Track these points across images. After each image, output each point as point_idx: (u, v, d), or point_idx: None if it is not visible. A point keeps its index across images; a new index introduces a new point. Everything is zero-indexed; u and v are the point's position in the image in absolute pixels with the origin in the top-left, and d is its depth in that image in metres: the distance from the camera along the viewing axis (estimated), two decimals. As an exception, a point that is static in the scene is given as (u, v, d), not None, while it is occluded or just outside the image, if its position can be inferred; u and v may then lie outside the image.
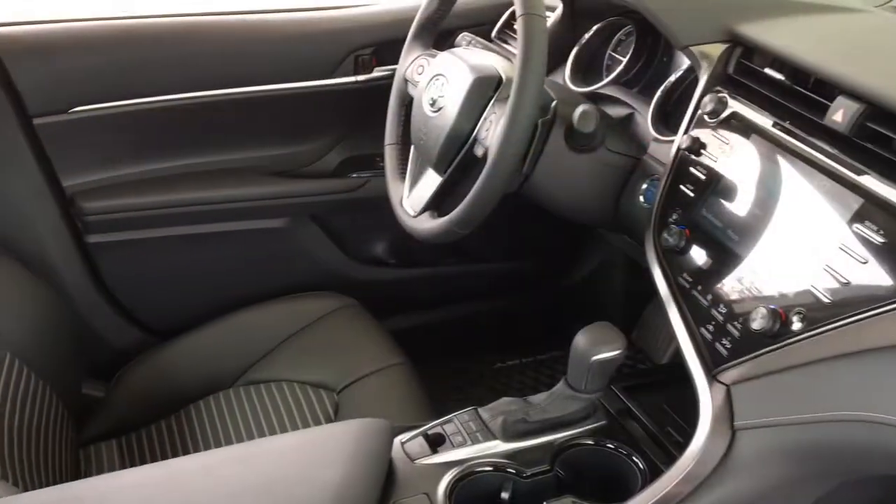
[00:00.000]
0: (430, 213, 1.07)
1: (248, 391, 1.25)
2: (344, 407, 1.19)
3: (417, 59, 1.15)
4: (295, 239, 1.46)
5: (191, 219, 1.37)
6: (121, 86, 1.28)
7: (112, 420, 1.27)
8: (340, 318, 1.35)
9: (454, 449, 0.87)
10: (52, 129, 1.25)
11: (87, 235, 1.34)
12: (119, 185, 1.34)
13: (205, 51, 1.31)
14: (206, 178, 1.38)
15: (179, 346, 1.34)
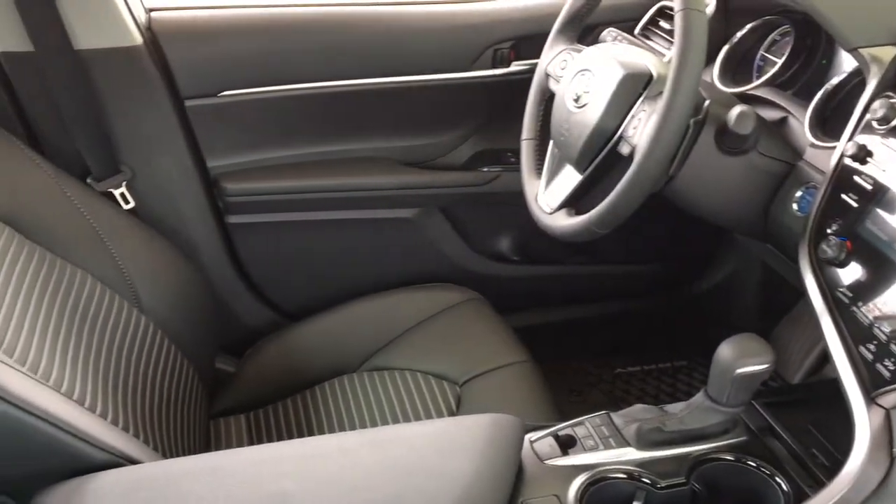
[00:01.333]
0: (566, 211, 1.05)
1: (372, 377, 1.27)
2: (466, 400, 1.18)
3: (561, 53, 1.14)
4: (422, 230, 1.47)
5: (324, 205, 1.40)
6: (266, 72, 1.32)
7: (241, 395, 1.31)
8: (464, 311, 1.35)
9: (585, 452, 0.85)
10: (200, 112, 1.31)
11: (228, 216, 1.39)
12: (259, 169, 1.38)
13: (348, 41, 1.33)
14: (342, 165, 1.41)
15: (307, 329, 1.37)
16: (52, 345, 0.95)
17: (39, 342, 0.93)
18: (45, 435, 0.78)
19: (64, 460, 0.79)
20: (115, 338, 1.07)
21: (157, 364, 1.13)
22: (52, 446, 0.78)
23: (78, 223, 1.13)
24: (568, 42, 1.15)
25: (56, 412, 0.79)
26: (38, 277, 1.02)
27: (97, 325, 1.05)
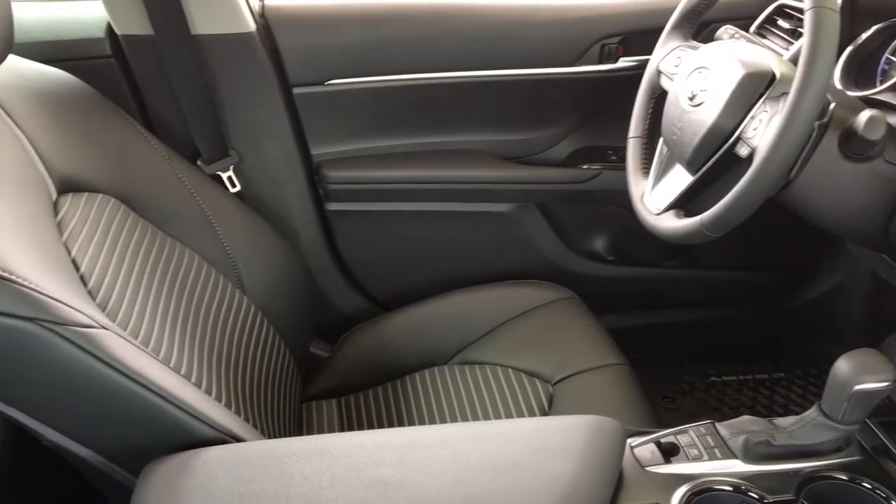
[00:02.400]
0: (675, 212, 1.02)
1: (463, 370, 1.27)
2: (559, 399, 1.17)
3: (675, 50, 1.11)
4: (518, 225, 1.46)
5: (422, 196, 1.41)
6: (373, 62, 1.33)
7: (333, 380, 1.33)
8: (558, 309, 1.34)
9: (689, 462, 0.83)
10: (307, 100, 1.33)
11: (327, 203, 1.41)
12: (360, 158, 1.39)
13: (455, 33, 1.33)
14: (441, 157, 1.41)
15: (400, 319, 1.38)
16: (161, 321, 0.98)
17: (150, 317, 0.96)
18: (156, 407, 0.80)
19: (172, 433, 0.81)
20: (219, 317, 1.10)
21: (256, 345, 1.15)
22: (162, 419, 0.81)
23: (188, 204, 1.16)
24: (682, 39, 1.12)
25: (167, 386, 0.82)
26: (151, 254, 1.05)
27: (203, 304, 1.08)
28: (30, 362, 0.75)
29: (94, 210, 1.00)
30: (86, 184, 1.02)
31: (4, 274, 0.74)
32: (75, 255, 0.91)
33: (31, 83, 1.02)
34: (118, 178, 1.07)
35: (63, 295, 0.78)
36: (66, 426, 0.81)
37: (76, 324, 0.77)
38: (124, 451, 0.83)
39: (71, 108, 1.06)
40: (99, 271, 0.93)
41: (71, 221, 0.95)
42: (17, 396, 0.78)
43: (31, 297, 0.74)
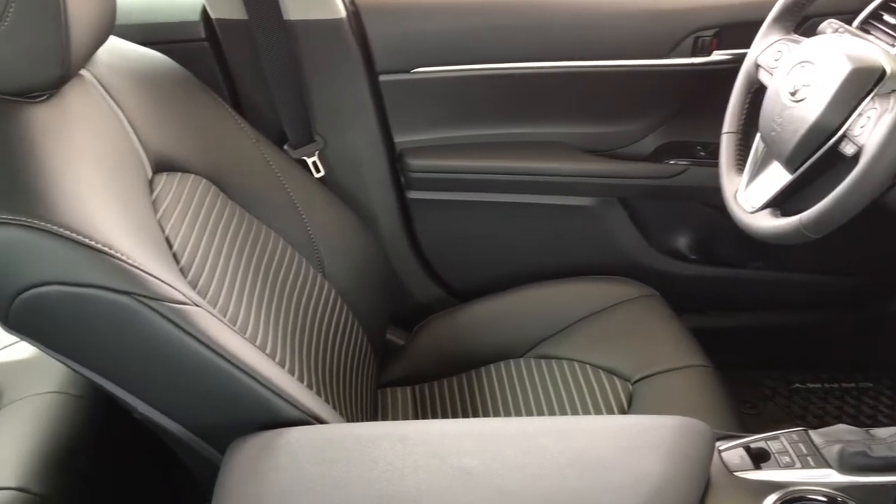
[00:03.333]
0: (770, 211, 0.99)
1: (539, 364, 1.25)
2: (639, 399, 1.15)
3: (776, 43, 1.07)
4: (599, 220, 1.43)
5: (503, 187, 1.40)
6: (459, 51, 1.32)
7: (408, 368, 1.34)
8: (639, 306, 1.31)
9: (780, 469, 0.80)
10: (393, 87, 1.33)
11: (408, 191, 1.41)
12: (442, 147, 1.39)
13: (542, 23, 1.31)
14: (523, 148, 1.40)
15: (477, 309, 1.38)
16: (248, 301, 0.99)
17: (238, 297, 0.98)
18: (244, 385, 0.81)
19: (258, 412, 0.82)
20: (301, 300, 1.11)
21: (336, 329, 1.16)
22: (249, 397, 0.82)
23: (275, 187, 1.18)
24: (783, 32, 1.08)
25: (254, 365, 0.83)
26: (238, 235, 1.07)
27: (286, 287, 1.10)
28: (125, 335, 0.77)
29: (186, 190, 1.02)
30: (179, 164, 1.04)
31: (104, 248, 0.75)
32: (168, 233, 0.93)
33: (131, 64, 1.05)
34: (209, 159, 1.09)
35: (158, 271, 0.80)
36: (156, 400, 0.82)
37: (170, 300, 0.78)
38: (211, 427, 0.84)
39: (167, 89, 1.08)
40: (190, 250, 0.95)
41: (165, 200, 0.97)
42: (112, 368, 0.80)
43: (128, 272, 0.76)
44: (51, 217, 0.74)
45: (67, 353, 0.79)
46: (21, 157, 0.77)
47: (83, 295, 0.74)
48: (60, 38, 0.80)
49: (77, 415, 1.13)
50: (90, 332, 0.77)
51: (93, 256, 0.75)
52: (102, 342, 0.78)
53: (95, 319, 0.76)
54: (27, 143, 0.78)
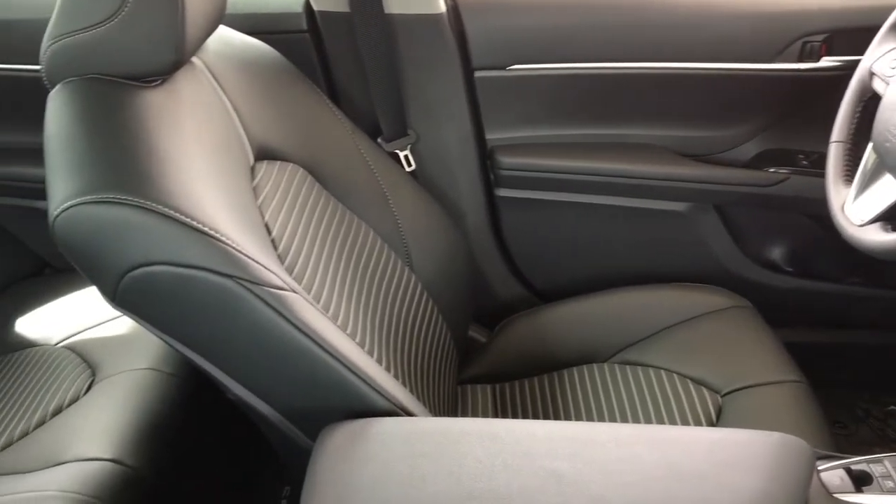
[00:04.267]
0: (881, 225, 0.95)
1: (624, 370, 1.23)
2: (729, 412, 1.11)
3: (893, 51, 1.02)
4: (692, 226, 1.40)
5: (594, 188, 1.37)
6: (555, 49, 1.31)
7: (489, 366, 1.33)
8: (731, 317, 1.27)
9: (883, 494, 0.76)
10: (487, 84, 1.32)
11: (497, 188, 1.41)
12: (533, 146, 1.38)
13: (644, 22, 1.28)
14: (617, 150, 1.37)
15: (561, 311, 1.36)
16: (339, 290, 1.00)
17: (330, 285, 0.99)
18: (336, 373, 0.82)
19: (349, 400, 0.83)
20: (389, 292, 1.12)
21: (421, 322, 1.16)
22: (340, 385, 0.83)
23: (368, 179, 1.19)
24: (902, 39, 1.03)
25: (347, 353, 0.83)
26: (332, 225, 1.08)
27: (375, 278, 1.10)
28: (225, 317, 0.79)
29: (285, 178, 1.04)
30: (279, 152, 1.06)
31: (210, 231, 0.77)
32: (267, 219, 0.95)
33: (237, 52, 1.07)
34: (307, 149, 1.11)
35: (259, 256, 0.81)
36: (251, 382, 0.84)
37: (270, 285, 0.80)
38: (302, 411, 0.85)
39: (270, 79, 1.10)
40: (287, 237, 0.97)
41: (265, 187, 0.99)
42: (210, 348, 0.82)
43: (232, 256, 0.78)
44: (161, 199, 0.76)
45: (169, 331, 0.81)
46: (135, 139, 0.80)
47: (188, 276, 0.76)
48: (177, 25, 0.82)
49: (169, 391, 1.16)
50: (193, 312, 0.79)
51: (199, 239, 0.76)
52: (204, 322, 0.79)
53: (198, 300, 0.78)
54: (141, 127, 0.81)
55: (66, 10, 0.83)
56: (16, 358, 1.32)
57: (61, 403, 1.17)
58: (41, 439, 1.11)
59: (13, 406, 1.20)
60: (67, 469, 1.02)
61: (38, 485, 1.00)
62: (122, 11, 0.80)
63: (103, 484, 1.00)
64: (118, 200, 0.75)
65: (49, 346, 1.32)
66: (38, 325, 1.38)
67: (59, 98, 0.83)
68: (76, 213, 0.75)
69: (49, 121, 0.83)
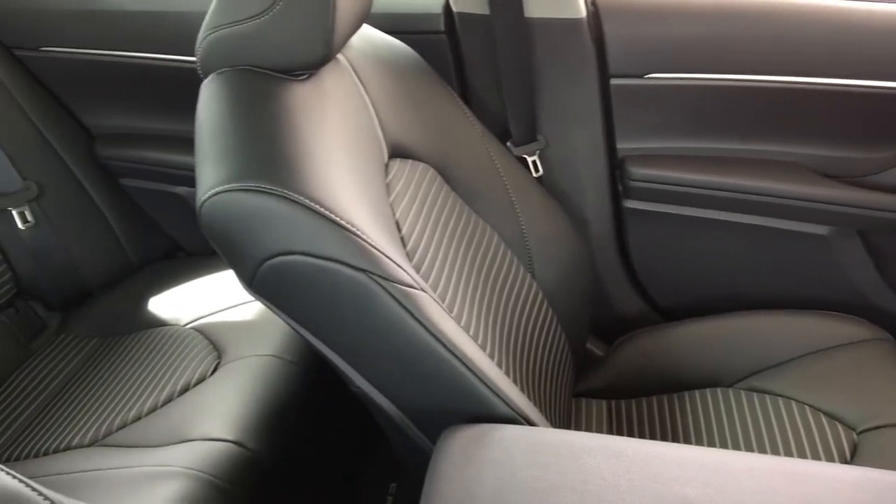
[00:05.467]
0: None
1: (751, 398, 1.17)
2: (865, 451, 1.04)
3: None
4: (832, 251, 1.32)
5: (730, 205, 1.32)
6: (697, 59, 1.26)
7: (606, 381, 1.30)
8: (870, 350, 1.19)
9: None
10: (623, 92, 1.29)
11: (626, 200, 1.37)
12: (667, 157, 1.33)
13: (794, 35, 1.22)
14: (756, 166, 1.31)
15: (685, 330, 1.31)
16: (463, 292, 1.00)
17: (454, 287, 0.99)
18: (459, 374, 0.81)
19: (470, 403, 0.82)
20: (510, 297, 1.10)
21: (540, 331, 1.14)
22: (463, 387, 0.82)
23: (495, 183, 1.18)
24: None
25: (471, 355, 0.83)
26: (458, 226, 1.08)
27: (498, 282, 1.09)
28: (356, 311, 0.80)
29: (416, 177, 1.04)
30: (411, 151, 1.07)
31: (347, 225, 0.78)
32: (398, 216, 0.96)
33: (378, 50, 1.09)
34: (439, 149, 1.11)
35: (391, 252, 0.82)
36: (375, 376, 0.84)
37: (400, 282, 0.80)
38: (423, 410, 0.85)
39: (408, 78, 1.11)
40: (416, 235, 0.97)
41: (397, 185, 1.00)
42: (338, 340, 0.83)
43: (367, 251, 0.78)
44: (303, 190, 0.77)
45: (300, 320, 0.83)
46: (282, 131, 0.81)
47: (324, 267, 0.77)
48: (328, 21, 0.83)
49: (290, 379, 1.19)
50: (325, 303, 0.80)
51: (337, 232, 0.77)
52: (335, 315, 0.80)
53: (332, 292, 0.79)
54: (288, 119, 0.83)
55: (223, 3, 0.86)
56: (147, 335, 1.38)
57: (188, 383, 1.21)
58: (168, 416, 1.15)
59: (143, 381, 1.26)
60: (191, 447, 1.06)
61: (164, 460, 1.04)
62: (278, 5, 0.82)
63: (224, 464, 1.03)
64: (262, 189, 0.77)
65: (178, 326, 1.38)
66: (169, 306, 1.44)
67: (212, 88, 0.86)
68: (222, 199, 0.77)
69: (201, 109, 0.86)
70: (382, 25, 1.18)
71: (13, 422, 1.27)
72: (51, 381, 1.34)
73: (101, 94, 1.53)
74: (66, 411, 1.26)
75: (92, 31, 1.45)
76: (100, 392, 1.27)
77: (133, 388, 1.25)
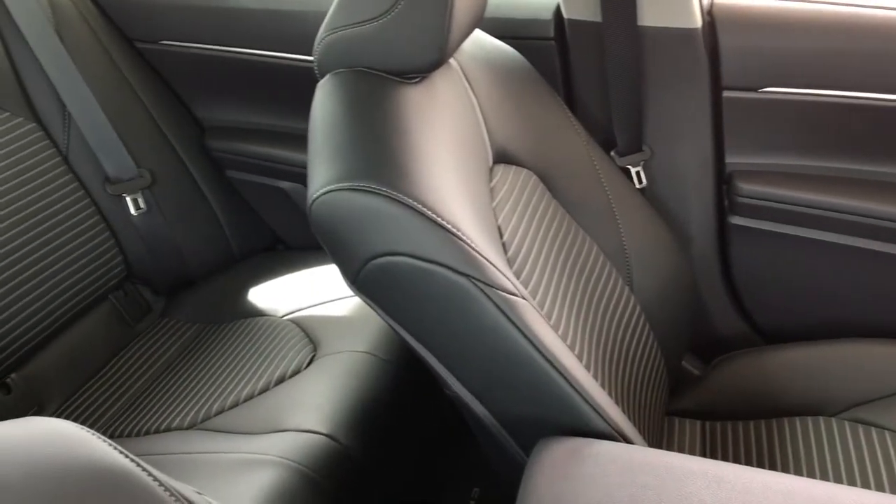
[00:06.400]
0: None
1: (855, 429, 1.12)
2: (983, 496, 0.98)
3: None
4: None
5: (843, 227, 1.26)
6: (816, 74, 1.21)
7: (701, 401, 1.26)
8: None
9: None
10: (736, 105, 1.25)
11: (732, 216, 1.33)
12: (781, 175, 1.28)
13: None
14: (874, 188, 1.25)
15: (788, 354, 1.26)
16: (561, 301, 0.99)
17: (553, 296, 0.98)
18: (556, 385, 0.81)
19: (565, 415, 0.81)
20: (607, 310, 1.09)
21: (636, 345, 1.12)
22: (559, 398, 0.81)
23: (597, 192, 1.16)
24: None
25: (568, 366, 0.82)
26: (559, 235, 1.07)
27: (595, 294, 1.08)
28: (456, 315, 0.80)
29: (519, 183, 1.04)
30: (516, 157, 1.06)
31: (452, 228, 0.78)
32: (500, 222, 0.95)
33: (488, 55, 1.09)
34: (542, 156, 1.10)
35: (493, 258, 0.81)
36: (471, 381, 0.84)
37: (502, 288, 0.79)
38: (516, 419, 0.85)
39: (516, 84, 1.10)
40: (517, 242, 0.96)
41: (500, 190, 0.99)
42: (437, 343, 0.83)
43: (470, 256, 0.78)
44: (411, 192, 0.78)
45: (401, 320, 0.84)
46: (393, 133, 0.82)
47: (428, 270, 0.77)
48: (444, 25, 0.84)
49: (383, 377, 1.20)
50: (426, 305, 0.80)
51: (442, 235, 0.78)
52: (435, 317, 0.81)
53: (433, 295, 0.79)
54: (400, 121, 0.83)
55: (343, 5, 0.87)
56: (246, 324, 1.42)
57: (284, 373, 1.24)
58: (264, 405, 1.18)
59: (241, 369, 1.29)
60: (286, 437, 1.08)
61: (260, 448, 1.07)
62: (396, 9, 0.83)
63: (317, 457, 1.05)
64: (372, 189, 0.78)
65: (276, 317, 1.41)
66: (268, 297, 1.48)
67: (328, 88, 0.88)
68: (333, 197, 0.78)
69: (316, 108, 0.87)
70: (492, 30, 1.18)
71: (117, 399, 1.33)
72: (154, 362, 1.40)
73: (214, 88, 1.58)
74: (167, 393, 1.31)
75: (210, 27, 1.50)
76: (199, 376, 1.32)
77: (231, 374, 1.29)
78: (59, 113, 1.43)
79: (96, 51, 1.49)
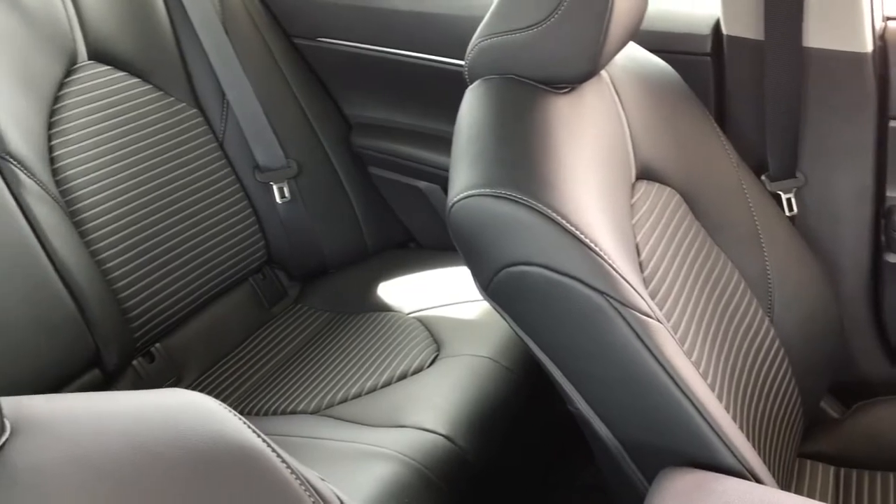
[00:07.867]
0: None
1: None
2: None
3: None
4: None
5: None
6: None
7: (837, 446, 1.19)
8: None
9: None
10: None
11: (888, 253, 1.24)
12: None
13: None
14: None
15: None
16: (696, 326, 0.95)
17: (688, 320, 0.94)
18: (685, 413, 0.78)
19: (692, 446, 0.79)
20: (744, 340, 1.04)
21: (773, 380, 1.07)
22: (687, 427, 0.78)
23: (744, 217, 1.12)
24: None
25: (699, 395, 0.79)
26: (699, 258, 1.03)
27: (733, 321, 1.03)
28: (586, 331, 0.79)
29: (661, 201, 1.01)
30: (660, 174, 1.03)
31: (589, 242, 0.77)
32: (639, 240, 0.93)
33: (639, 68, 1.07)
34: (687, 175, 1.07)
35: (630, 277, 0.80)
36: (596, 400, 0.83)
37: (637, 309, 0.78)
38: (640, 444, 0.82)
39: (666, 99, 1.08)
40: (655, 262, 0.94)
41: (641, 207, 0.97)
42: (564, 357, 0.82)
43: (606, 272, 0.77)
44: (551, 203, 0.77)
45: (529, 331, 0.83)
46: (538, 143, 0.82)
47: (561, 283, 0.77)
48: (599, 36, 0.83)
49: (504, 385, 1.20)
50: (556, 318, 0.79)
51: (579, 249, 0.77)
52: (564, 331, 0.80)
53: (564, 308, 0.78)
54: (546, 131, 0.83)
55: (499, 12, 0.88)
56: (373, 318, 1.45)
57: (407, 370, 1.26)
58: (386, 398, 1.21)
59: (366, 361, 1.32)
60: (404, 433, 1.10)
61: (378, 441, 1.09)
62: (552, 18, 0.83)
63: (434, 456, 1.06)
64: (511, 197, 0.78)
65: (402, 314, 1.44)
66: (396, 293, 1.51)
67: (477, 93, 0.88)
68: (472, 203, 0.79)
69: (463, 113, 0.88)
70: (646, 43, 1.16)
71: (249, 378, 1.39)
72: (286, 345, 1.45)
73: (364, 86, 1.63)
74: (295, 376, 1.35)
75: (366, 27, 1.55)
76: (326, 363, 1.36)
77: (356, 365, 1.32)
78: (219, 101, 1.52)
79: (258, 45, 1.56)
